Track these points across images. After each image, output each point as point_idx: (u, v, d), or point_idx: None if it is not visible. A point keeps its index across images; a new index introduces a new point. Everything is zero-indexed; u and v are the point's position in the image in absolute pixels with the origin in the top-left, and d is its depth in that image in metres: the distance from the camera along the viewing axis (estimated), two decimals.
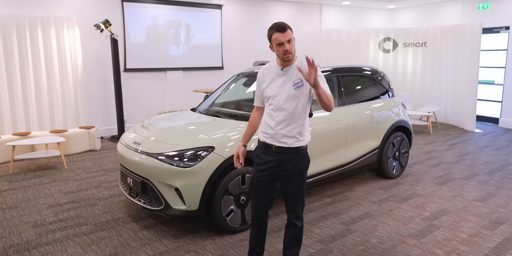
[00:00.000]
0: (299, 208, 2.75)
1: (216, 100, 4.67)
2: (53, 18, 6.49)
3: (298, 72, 2.58)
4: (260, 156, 2.71)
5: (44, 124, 6.64)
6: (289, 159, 2.63)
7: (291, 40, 2.52)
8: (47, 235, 3.54)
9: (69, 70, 6.73)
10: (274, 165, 2.65)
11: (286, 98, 2.58)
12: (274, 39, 2.52)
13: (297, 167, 2.65)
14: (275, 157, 2.64)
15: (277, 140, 2.61)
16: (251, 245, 2.89)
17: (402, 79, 9.25)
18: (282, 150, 2.62)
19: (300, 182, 2.69)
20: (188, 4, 8.03)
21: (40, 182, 4.98)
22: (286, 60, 2.56)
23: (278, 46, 2.53)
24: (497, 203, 4.27)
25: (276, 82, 2.63)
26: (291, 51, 2.53)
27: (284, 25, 2.51)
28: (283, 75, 2.62)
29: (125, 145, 3.80)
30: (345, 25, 10.49)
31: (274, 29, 2.51)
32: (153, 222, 3.80)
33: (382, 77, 5.11)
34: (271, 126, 2.63)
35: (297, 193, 2.70)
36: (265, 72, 2.72)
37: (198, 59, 8.35)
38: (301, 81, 2.58)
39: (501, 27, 8.40)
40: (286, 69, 2.62)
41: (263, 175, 2.68)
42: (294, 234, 2.79)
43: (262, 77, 2.72)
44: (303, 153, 2.68)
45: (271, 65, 2.71)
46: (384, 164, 4.92)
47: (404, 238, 3.48)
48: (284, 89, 2.60)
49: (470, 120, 8.11)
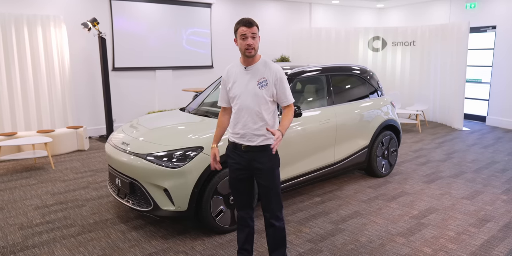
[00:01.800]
0: (275, 207, 2.73)
1: (205, 99, 4.64)
2: (40, 16, 6.40)
3: (262, 71, 2.61)
4: (231, 156, 2.75)
5: (31, 124, 6.55)
6: (258, 157, 2.66)
7: (255, 36, 2.55)
8: (33, 237, 3.49)
9: (56, 69, 6.64)
10: (246, 164, 2.69)
11: (251, 96, 2.60)
12: (239, 32, 2.54)
13: (267, 165, 2.67)
14: (245, 156, 2.67)
15: (246, 140, 2.64)
16: (240, 243, 2.89)
17: (391, 78, 9.32)
18: (251, 149, 2.65)
19: (272, 180, 2.70)
20: (177, 3, 7.97)
21: (26, 183, 4.90)
22: (248, 55, 2.57)
23: (242, 40, 2.55)
24: (484, 201, 4.32)
25: (241, 82, 2.65)
26: (254, 46, 2.55)
27: (251, 21, 2.54)
28: (247, 74, 2.64)
29: (113, 146, 3.76)
30: (335, 24, 10.52)
31: (241, 23, 2.55)
32: (142, 223, 3.77)
33: (371, 76, 5.13)
34: (238, 126, 2.65)
35: (271, 192, 2.70)
36: (230, 72, 2.72)
37: (188, 58, 8.30)
38: (265, 80, 2.60)
39: (488, 27, 8.50)
40: (249, 68, 2.63)
41: (238, 174, 2.73)
42: (274, 235, 2.77)
43: (227, 77, 2.73)
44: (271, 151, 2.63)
45: (235, 65, 2.72)
46: (373, 163, 4.95)
47: (392, 237, 3.50)
48: (248, 88, 2.61)
49: (458, 119, 8.20)
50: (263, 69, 2.62)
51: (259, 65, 2.63)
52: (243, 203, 2.82)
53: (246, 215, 2.83)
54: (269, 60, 2.70)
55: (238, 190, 2.79)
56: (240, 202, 2.83)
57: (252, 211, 2.87)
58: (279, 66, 2.68)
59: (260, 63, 2.64)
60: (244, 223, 2.85)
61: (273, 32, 9.50)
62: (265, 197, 2.73)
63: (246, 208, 2.83)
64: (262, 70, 2.62)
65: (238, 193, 2.81)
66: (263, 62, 2.65)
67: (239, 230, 2.88)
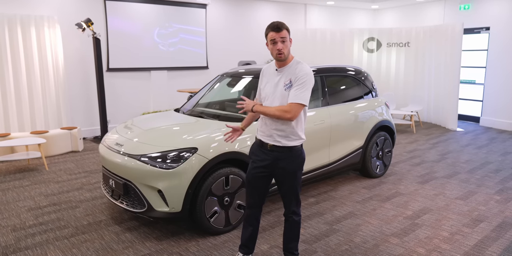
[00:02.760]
0: (295, 204, 2.83)
1: (200, 100, 4.64)
2: (33, 16, 6.36)
3: (289, 73, 2.65)
4: (256, 153, 2.80)
5: (25, 125, 6.50)
6: (283, 157, 2.71)
7: (285, 40, 2.59)
8: (26, 239, 3.46)
9: (50, 70, 6.61)
10: (269, 163, 2.73)
11: (278, 98, 2.65)
12: (269, 36, 2.60)
13: (291, 166, 2.73)
14: (270, 155, 2.72)
15: (272, 139, 2.69)
16: (244, 239, 2.96)
17: (385, 79, 9.35)
18: (277, 148, 2.70)
19: (295, 180, 2.78)
20: (172, 3, 7.96)
21: (20, 185, 4.87)
22: (278, 59, 2.63)
23: (272, 45, 2.60)
24: (478, 201, 4.34)
25: (271, 83, 2.72)
26: (283, 51, 2.59)
27: (280, 26, 2.57)
28: (277, 76, 2.70)
29: (107, 147, 3.75)
30: (330, 25, 10.55)
31: (270, 28, 2.59)
32: (136, 225, 3.75)
33: (365, 77, 5.14)
34: (266, 125, 2.72)
35: (292, 191, 2.79)
36: (264, 72, 2.83)
37: (183, 58, 8.29)
38: (290, 82, 2.64)
39: (482, 28, 8.55)
40: (281, 70, 2.69)
41: (259, 171, 2.77)
42: (291, 228, 2.88)
43: (261, 77, 2.83)
44: (297, 152, 2.74)
45: (270, 66, 2.81)
46: (367, 163, 4.96)
47: (387, 237, 3.51)
48: (277, 89, 2.68)
49: (452, 119, 8.24)
50: (293, 70, 2.65)
51: (290, 67, 2.67)
52: (255, 202, 2.87)
53: (253, 214, 2.90)
54: (301, 61, 2.70)
55: (255, 187, 2.83)
56: (252, 200, 2.87)
57: (260, 211, 2.93)
58: (308, 67, 2.64)
59: (291, 65, 2.67)
60: (251, 221, 2.92)
61: None
62: (286, 196, 2.82)
63: (256, 207, 2.89)
64: (291, 71, 2.66)
65: (253, 191, 2.85)
66: (295, 63, 2.68)
67: (245, 227, 2.95)
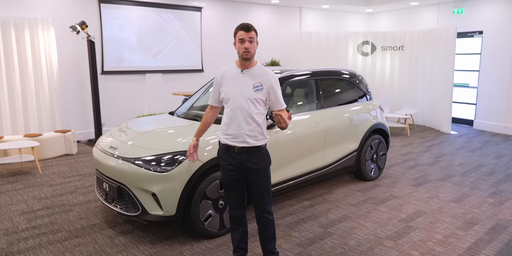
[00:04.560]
0: (268, 203, 2.87)
1: (194, 103, 4.63)
2: (27, 19, 6.34)
3: (258, 76, 2.74)
4: (224, 158, 2.84)
5: (18, 128, 6.46)
6: (252, 158, 2.76)
7: (253, 41, 2.69)
8: (19, 243, 3.43)
9: (44, 73, 6.58)
10: (240, 165, 2.77)
11: (246, 99, 2.70)
12: (238, 35, 2.68)
13: (261, 165, 2.78)
14: (239, 158, 2.76)
15: (239, 141, 2.73)
16: (235, 242, 2.98)
17: (380, 82, 9.40)
18: (245, 150, 2.75)
19: (266, 178, 2.83)
20: (167, 6, 7.96)
21: (12, 188, 4.83)
22: (244, 57, 2.69)
23: (240, 43, 2.68)
24: (471, 204, 4.37)
25: (235, 84, 2.76)
26: (250, 50, 2.67)
27: (249, 26, 2.69)
28: (243, 77, 2.75)
29: (101, 150, 3.73)
30: (324, 28, 10.59)
31: (240, 28, 2.69)
32: (130, 228, 3.73)
33: (360, 80, 5.17)
34: (232, 127, 2.74)
35: (264, 189, 2.83)
36: (225, 74, 2.84)
37: (178, 61, 8.28)
38: (261, 85, 2.72)
39: (475, 32, 8.63)
40: (246, 71, 2.76)
41: (232, 174, 2.81)
42: (267, 228, 2.90)
43: (221, 79, 2.84)
44: (264, 151, 2.82)
45: (230, 67, 2.83)
46: (362, 166, 4.97)
47: (381, 240, 3.52)
48: (244, 90, 2.72)
49: (446, 122, 8.29)
50: (259, 74, 2.76)
51: (255, 69, 2.77)
52: (237, 202, 2.91)
53: (239, 214, 2.93)
54: (264, 67, 2.84)
55: (232, 190, 2.88)
56: (234, 201, 2.91)
57: (245, 209, 2.96)
58: (274, 73, 2.82)
59: (256, 68, 2.78)
60: (238, 222, 2.94)
61: (264, 36, 9.52)
62: (258, 195, 2.85)
63: (239, 207, 2.92)
64: (258, 74, 2.76)
65: (231, 193, 2.89)
66: (259, 67, 2.80)
67: (234, 230, 2.97)
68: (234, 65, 2.81)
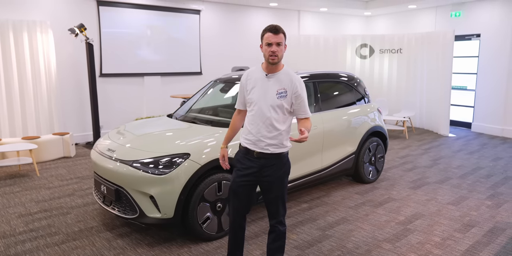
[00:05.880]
0: (282, 214, 2.74)
1: (193, 106, 4.64)
2: (26, 21, 6.34)
3: (283, 81, 2.58)
4: (241, 161, 2.70)
5: (16, 130, 6.45)
6: (270, 165, 2.63)
7: (280, 44, 2.54)
8: (16, 246, 3.42)
9: (43, 75, 6.58)
10: (255, 171, 2.64)
11: (268, 105, 2.57)
12: (265, 38, 2.54)
13: (278, 174, 2.65)
14: (257, 163, 2.63)
15: (258, 146, 2.61)
16: (230, 249, 2.88)
17: (378, 85, 9.42)
18: (264, 156, 2.61)
19: (281, 188, 2.69)
20: (166, 9, 7.98)
21: (10, 191, 4.82)
22: (271, 62, 2.55)
23: (267, 46, 2.54)
24: (469, 206, 4.37)
25: (259, 88, 2.61)
26: (278, 54, 2.53)
27: (278, 28, 2.53)
28: (268, 81, 2.60)
29: (99, 152, 3.73)
30: (323, 31, 10.62)
31: (268, 29, 2.54)
32: (128, 231, 3.72)
33: (358, 83, 5.18)
34: (252, 133, 2.62)
35: (279, 200, 2.70)
36: (249, 76, 2.69)
37: (176, 64, 8.29)
38: (285, 91, 2.57)
39: (473, 35, 8.67)
40: (271, 76, 2.61)
41: (243, 180, 2.68)
42: (277, 239, 2.76)
43: (246, 81, 2.70)
44: (284, 159, 2.68)
45: (256, 70, 2.69)
46: (360, 169, 4.98)
47: (379, 243, 3.51)
48: (267, 96, 2.58)
49: (444, 125, 8.31)
50: (285, 79, 2.59)
51: (281, 74, 2.60)
52: (239, 210, 2.76)
53: (237, 222, 2.80)
54: (291, 71, 2.66)
55: (238, 196, 2.73)
56: (236, 208, 2.76)
57: (245, 219, 2.82)
58: (301, 78, 2.64)
59: (282, 73, 2.61)
60: (236, 228, 2.82)
61: None
62: (272, 205, 2.72)
63: (239, 215, 2.78)
64: (283, 79, 2.59)
65: (236, 199, 2.74)
66: (286, 72, 2.62)
67: (231, 235, 2.86)
68: (259, 67, 2.66)
